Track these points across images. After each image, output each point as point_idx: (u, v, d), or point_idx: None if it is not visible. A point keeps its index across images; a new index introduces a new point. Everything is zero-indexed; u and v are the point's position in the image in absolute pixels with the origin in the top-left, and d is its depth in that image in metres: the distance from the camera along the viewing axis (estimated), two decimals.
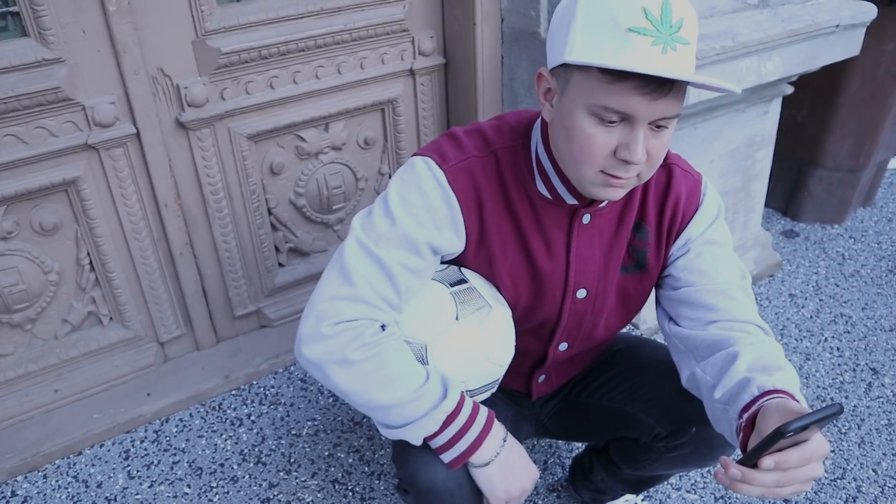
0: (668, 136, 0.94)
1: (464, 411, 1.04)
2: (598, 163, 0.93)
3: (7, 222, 1.63)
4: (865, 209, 2.89)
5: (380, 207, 1.05)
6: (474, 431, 1.04)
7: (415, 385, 1.01)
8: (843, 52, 2.02)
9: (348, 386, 1.01)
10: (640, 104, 0.87)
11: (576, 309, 1.18)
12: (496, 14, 1.92)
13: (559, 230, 1.11)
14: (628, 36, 0.85)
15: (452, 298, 1.09)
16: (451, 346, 1.08)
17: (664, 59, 0.86)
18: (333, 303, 1.01)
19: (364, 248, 1.02)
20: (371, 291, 1.01)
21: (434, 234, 1.05)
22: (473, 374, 1.10)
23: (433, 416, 1.01)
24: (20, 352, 1.80)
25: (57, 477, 1.75)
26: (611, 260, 1.16)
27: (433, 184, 1.04)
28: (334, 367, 1.00)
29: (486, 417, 1.06)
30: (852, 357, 2.11)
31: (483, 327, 1.09)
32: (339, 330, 1.00)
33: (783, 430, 0.76)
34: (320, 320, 1.01)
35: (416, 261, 1.04)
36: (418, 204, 1.04)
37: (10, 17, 1.49)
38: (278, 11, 1.74)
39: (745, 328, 1.08)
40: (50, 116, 1.57)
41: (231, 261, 1.96)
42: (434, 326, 1.08)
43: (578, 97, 0.91)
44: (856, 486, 1.71)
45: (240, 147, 1.83)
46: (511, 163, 1.08)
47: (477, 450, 1.04)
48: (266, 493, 1.70)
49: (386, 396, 1.01)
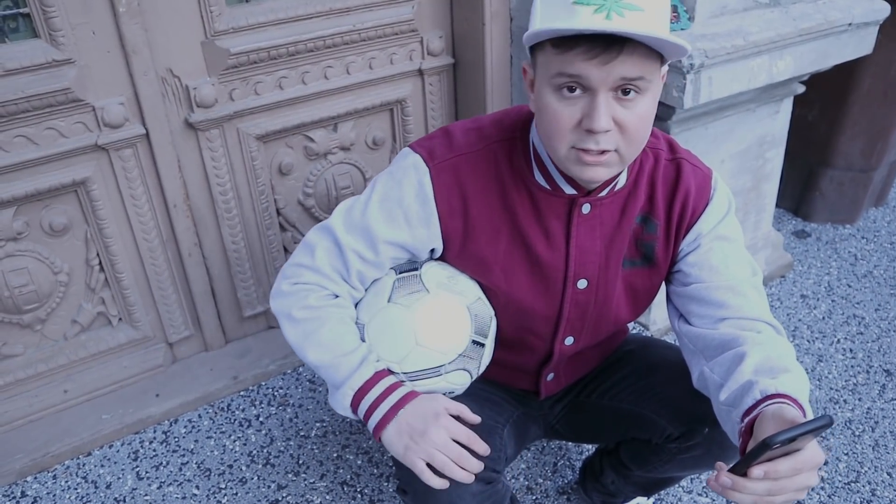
0: (642, 107, 0.93)
1: (375, 389, 1.06)
2: (567, 136, 0.95)
3: (17, 223, 1.63)
4: (878, 209, 2.87)
5: (366, 194, 1.13)
6: (382, 409, 1.05)
7: (338, 352, 1.08)
8: (856, 50, 2.00)
9: (292, 340, 1.12)
10: (590, 69, 0.88)
11: (577, 300, 1.17)
12: (505, 14, 1.92)
13: (558, 220, 1.11)
14: (573, 8, 0.88)
15: (392, 284, 1.15)
16: (380, 326, 1.13)
17: (607, 24, 0.86)
18: (295, 268, 1.14)
19: (332, 229, 1.12)
20: (328, 266, 1.12)
21: (404, 232, 1.10)
22: (404, 356, 1.11)
23: (344, 391, 1.07)
24: (30, 352, 1.80)
25: (66, 477, 1.75)
26: (612, 251, 1.15)
27: (413, 180, 1.08)
28: (284, 321, 1.13)
29: (398, 398, 1.05)
30: (865, 358, 2.09)
31: (410, 309, 1.11)
32: (294, 290, 1.12)
33: (769, 441, 0.77)
34: (283, 279, 1.15)
35: (370, 254, 1.11)
36: (394, 199, 1.09)
37: (21, 19, 1.50)
38: (287, 12, 1.74)
39: (755, 326, 1.08)
40: (60, 117, 1.58)
41: (240, 261, 1.96)
42: (371, 309, 1.15)
43: (541, 76, 0.95)
44: (870, 490, 1.69)
45: (249, 148, 1.83)
46: (508, 155, 1.09)
47: (385, 427, 1.05)
48: (275, 494, 1.70)
49: (313, 356, 1.10)
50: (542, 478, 1.74)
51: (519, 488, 1.71)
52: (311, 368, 1.24)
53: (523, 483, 1.72)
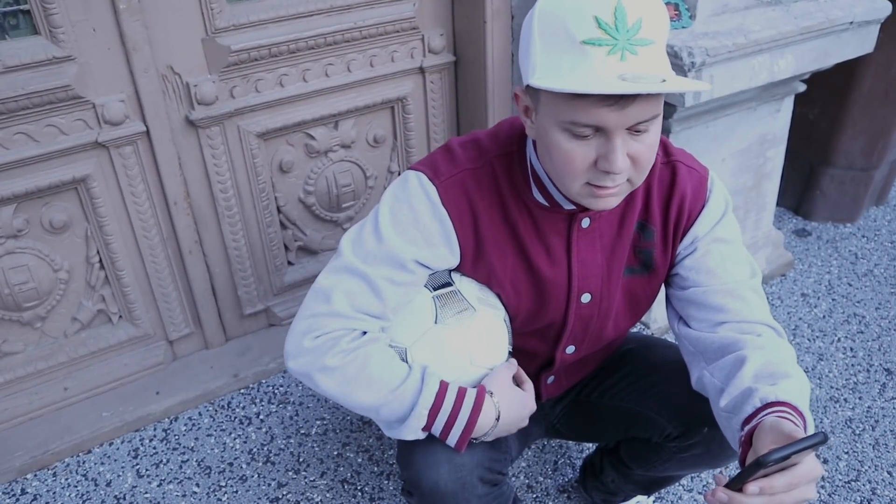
0: (652, 139, 0.92)
1: (447, 401, 1.03)
2: (581, 176, 0.93)
3: (17, 220, 1.63)
4: (878, 208, 2.87)
5: (370, 224, 1.07)
6: (464, 415, 1.04)
7: (395, 381, 1.03)
8: (857, 49, 2.00)
9: (334, 391, 1.04)
10: (607, 115, 0.86)
11: (581, 314, 1.17)
12: (506, 12, 1.91)
13: (558, 236, 1.10)
14: (583, 49, 0.84)
15: (433, 302, 1.10)
16: (431, 348, 1.08)
17: (623, 67, 0.84)
18: (312, 319, 1.05)
19: (348, 268, 1.05)
20: (348, 306, 1.04)
21: (424, 251, 1.05)
22: (458, 377, 1.08)
23: (417, 412, 1.02)
24: (30, 350, 1.80)
25: (66, 475, 1.75)
26: (614, 262, 1.14)
27: (423, 200, 1.04)
28: (318, 375, 1.04)
29: (473, 400, 1.05)
30: (866, 357, 2.09)
31: (464, 328, 1.08)
32: (318, 343, 1.04)
33: (762, 461, 0.78)
34: (302, 336, 1.05)
35: (404, 275, 1.05)
36: (408, 221, 1.04)
37: (21, 15, 1.49)
38: (288, 9, 1.73)
39: (755, 329, 1.07)
40: (60, 114, 1.57)
41: (240, 259, 1.95)
42: (415, 330, 1.09)
43: (549, 115, 0.92)
44: (870, 489, 1.69)
45: (249, 145, 1.83)
46: (506, 171, 1.07)
47: (473, 429, 1.04)
48: (275, 492, 1.70)
49: (369, 397, 1.03)
50: (542, 476, 1.74)
51: (520, 486, 1.71)
52: (359, 414, 1.17)
53: (524, 481, 1.72)
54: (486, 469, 1.10)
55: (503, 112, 2.04)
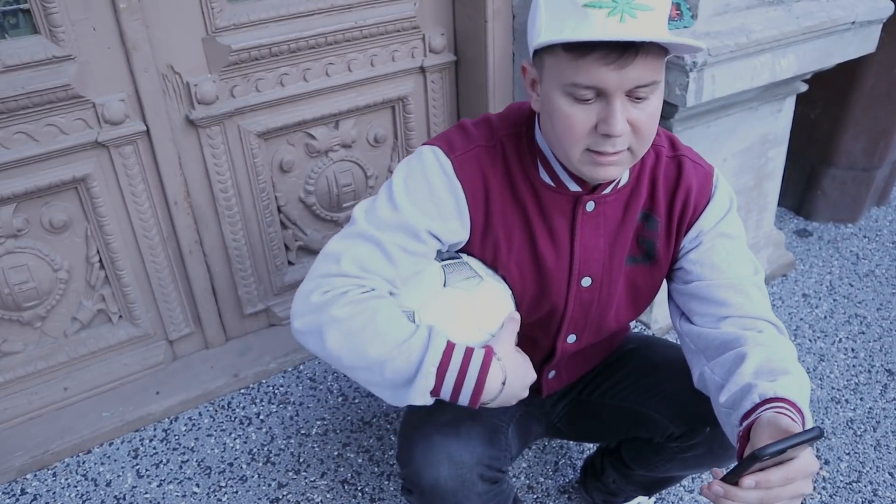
0: (653, 107, 0.94)
1: (454, 359, 1.00)
2: (581, 141, 0.95)
3: (17, 220, 1.63)
4: (880, 208, 2.86)
5: (384, 194, 1.07)
6: (472, 375, 1.00)
7: (402, 336, 0.99)
8: (859, 49, 1.99)
9: (340, 347, 1.00)
10: (607, 75, 0.88)
11: (581, 298, 1.17)
12: (507, 11, 1.91)
13: (563, 218, 1.11)
14: (585, 11, 0.87)
15: (442, 269, 1.10)
16: (440, 310, 1.08)
17: (622, 27, 0.86)
18: (321, 279, 1.03)
19: (361, 234, 1.04)
20: (358, 268, 1.02)
21: (437, 223, 1.06)
22: (468, 340, 1.07)
23: (424, 370, 0.98)
24: (30, 350, 1.80)
25: (66, 475, 1.74)
26: (616, 248, 1.15)
27: (439, 172, 1.05)
28: (326, 329, 1.00)
29: (481, 360, 1.01)
30: (867, 358, 2.09)
31: (472, 293, 1.09)
32: (326, 297, 1.01)
33: (758, 454, 0.78)
34: (309, 293, 1.02)
35: (417, 245, 1.05)
36: (423, 193, 1.05)
37: (21, 15, 1.49)
38: (289, 8, 1.73)
39: (757, 325, 1.08)
40: (60, 114, 1.57)
41: (240, 259, 1.95)
42: (423, 294, 1.08)
43: (552, 80, 0.94)
44: (872, 490, 1.69)
45: (249, 145, 1.82)
46: (515, 150, 1.09)
47: (483, 389, 1.01)
48: (275, 493, 1.70)
49: (375, 351, 0.99)
50: (543, 476, 1.74)
51: (520, 487, 1.71)
52: (301, 344, 1.07)
53: (525, 482, 1.72)
54: (485, 466, 1.10)
55: None
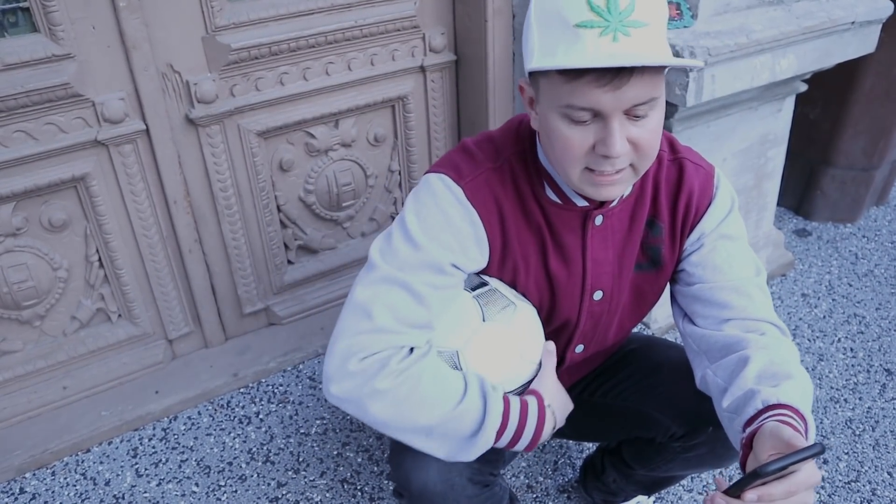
0: (654, 123, 0.92)
1: (511, 419, 1.02)
2: (580, 161, 0.94)
3: (16, 219, 1.63)
4: (879, 208, 2.87)
5: (399, 232, 1.02)
6: (529, 432, 1.04)
7: (453, 401, 0.98)
8: (858, 49, 1.99)
9: (386, 416, 0.98)
10: (602, 97, 0.86)
11: (593, 311, 1.17)
12: (507, 10, 1.91)
13: (573, 234, 1.10)
14: (576, 32, 0.85)
15: (476, 302, 1.07)
16: (483, 347, 1.06)
17: (615, 47, 0.85)
18: (356, 338, 0.98)
19: (386, 279, 0.99)
20: (392, 320, 0.98)
21: (458, 254, 1.03)
22: (510, 374, 1.08)
23: (485, 435, 0.99)
24: (29, 348, 1.80)
25: (65, 474, 1.74)
26: (624, 258, 1.15)
27: (452, 202, 1.02)
28: (367, 401, 0.97)
29: (536, 413, 1.05)
30: (866, 358, 2.09)
31: (511, 325, 1.07)
32: (365, 365, 0.97)
33: (760, 472, 0.79)
34: (346, 358, 0.97)
35: (443, 279, 1.02)
36: (439, 225, 1.01)
37: (21, 13, 1.49)
38: (288, 7, 1.73)
39: (760, 327, 1.08)
40: (59, 112, 1.57)
41: (240, 258, 1.95)
42: (463, 332, 1.05)
43: (548, 101, 0.93)
44: (870, 490, 1.69)
45: (249, 144, 1.82)
46: (523, 169, 1.07)
47: (539, 440, 1.05)
48: (274, 492, 1.70)
49: (425, 418, 0.98)
50: (542, 476, 1.74)
51: (519, 486, 1.71)
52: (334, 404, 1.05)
53: (524, 481, 1.72)
54: (475, 470, 1.10)
55: (504, 111, 2.03)
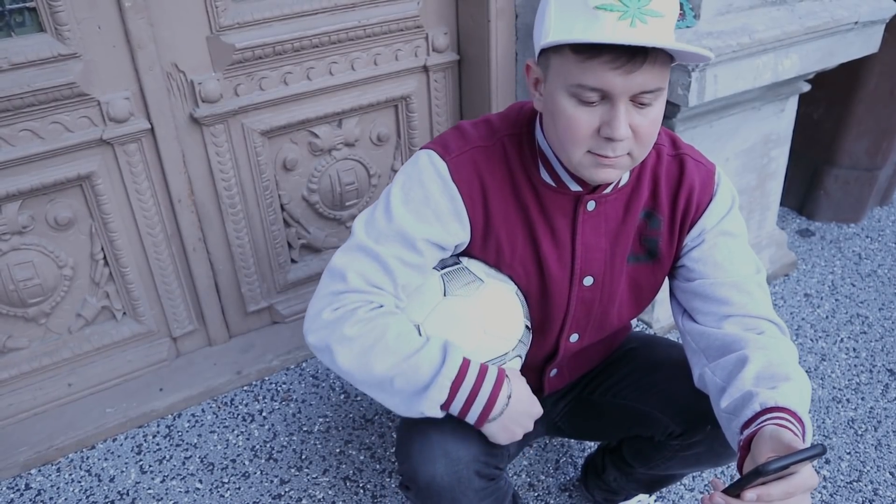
0: (655, 113, 0.95)
1: (469, 376, 1.02)
2: (584, 143, 0.95)
3: (22, 217, 1.64)
4: (882, 208, 2.86)
5: (382, 204, 1.08)
6: (484, 393, 1.03)
7: (411, 349, 1.02)
8: (862, 49, 1.99)
9: (351, 363, 1.03)
10: (614, 79, 0.88)
11: (583, 297, 1.18)
12: (510, 11, 1.91)
13: (564, 218, 1.11)
14: (596, 14, 0.87)
15: (441, 279, 1.11)
16: (442, 320, 1.09)
17: (632, 32, 0.87)
18: (329, 297, 1.06)
19: (360, 248, 1.06)
20: (364, 283, 1.05)
21: (436, 228, 1.07)
22: (473, 348, 1.08)
23: (439, 383, 1.00)
24: (34, 346, 1.81)
25: (70, 470, 1.75)
26: (618, 247, 1.15)
27: (434, 177, 1.06)
28: (336, 347, 1.03)
29: (494, 380, 1.04)
30: (869, 358, 2.09)
31: (473, 298, 1.09)
32: (337, 315, 1.04)
33: (762, 470, 0.79)
34: (320, 310, 1.06)
35: (414, 256, 1.06)
36: (419, 199, 1.06)
37: (27, 13, 1.50)
38: (292, 7, 1.74)
39: (759, 325, 1.08)
40: (65, 111, 1.58)
41: (244, 257, 1.96)
42: (424, 306, 1.10)
43: (557, 80, 0.94)
44: (872, 490, 1.69)
45: (253, 143, 1.83)
46: (516, 150, 1.09)
47: (493, 407, 1.04)
48: (277, 489, 1.71)
49: (384, 366, 1.02)
50: (544, 475, 1.74)
51: (521, 485, 1.71)
52: (316, 357, 1.13)
53: (525, 480, 1.73)
54: (482, 464, 1.11)
55: None
